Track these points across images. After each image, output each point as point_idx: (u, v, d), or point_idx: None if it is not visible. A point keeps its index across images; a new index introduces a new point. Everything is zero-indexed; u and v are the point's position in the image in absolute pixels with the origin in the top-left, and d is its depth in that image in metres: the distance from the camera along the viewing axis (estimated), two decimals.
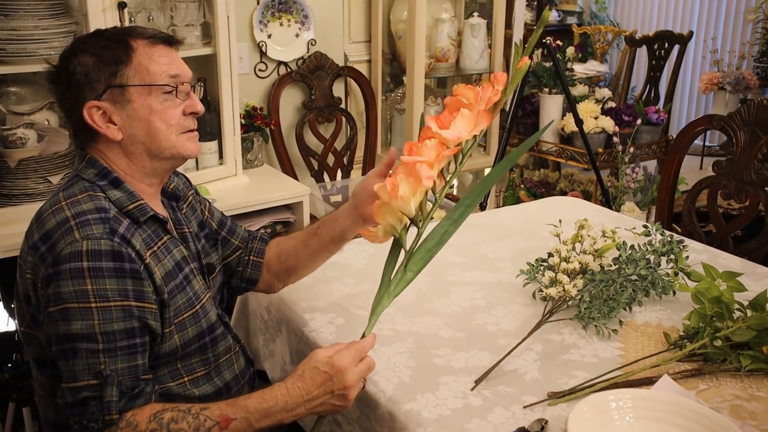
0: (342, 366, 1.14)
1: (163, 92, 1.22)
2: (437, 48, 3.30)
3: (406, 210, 1.11)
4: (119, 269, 1.12)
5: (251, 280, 1.51)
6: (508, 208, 2.31)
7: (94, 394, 1.10)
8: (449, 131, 1.09)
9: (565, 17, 6.20)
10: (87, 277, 1.10)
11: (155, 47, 1.23)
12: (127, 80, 1.20)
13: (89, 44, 1.22)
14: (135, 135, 1.22)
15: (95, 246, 1.11)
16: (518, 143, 3.61)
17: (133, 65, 1.20)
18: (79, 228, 1.13)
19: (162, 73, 1.22)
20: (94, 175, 1.22)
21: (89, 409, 1.10)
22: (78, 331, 1.10)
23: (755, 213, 2.07)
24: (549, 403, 1.20)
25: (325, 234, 1.44)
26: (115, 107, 1.20)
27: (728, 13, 5.59)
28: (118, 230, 1.15)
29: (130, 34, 1.23)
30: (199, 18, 2.48)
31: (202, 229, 1.43)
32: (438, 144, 1.09)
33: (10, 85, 2.24)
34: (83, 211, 1.16)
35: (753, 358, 1.27)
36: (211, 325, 1.30)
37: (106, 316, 1.11)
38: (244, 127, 2.80)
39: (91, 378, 1.10)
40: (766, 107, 2.03)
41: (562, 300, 1.44)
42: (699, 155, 5.03)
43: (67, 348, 1.11)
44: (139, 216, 1.21)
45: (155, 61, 1.22)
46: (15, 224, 2.16)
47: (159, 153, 1.24)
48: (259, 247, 1.52)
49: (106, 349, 1.11)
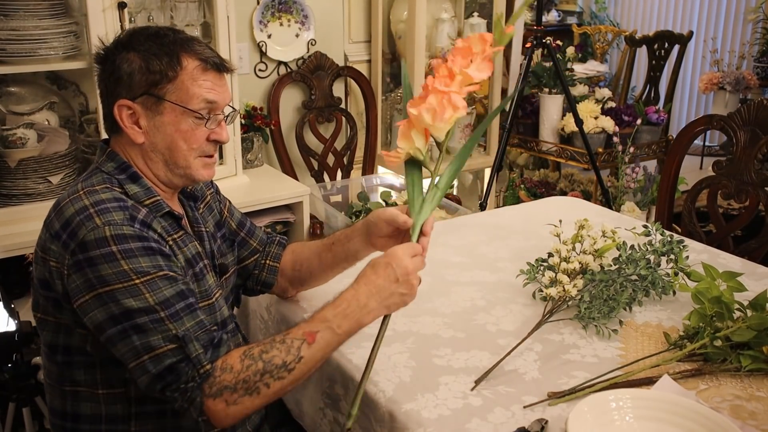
0: (397, 253, 1.21)
1: (195, 117, 1.23)
2: (437, 48, 3.30)
3: (441, 133, 1.23)
4: (147, 248, 1.15)
5: (267, 284, 1.52)
6: (508, 208, 2.31)
7: (179, 357, 1.12)
8: (472, 69, 1.19)
9: (565, 17, 6.21)
10: (121, 259, 1.12)
11: (207, 72, 1.23)
12: (165, 94, 1.21)
13: (144, 45, 1.21)
14: (156, 144, 1.24)
15: (118, 231, 1.13)
16: (518, 143, 3.62)
17: (176, 83, 1.21)
18: (99, 215, 1.15)
19: (200, 98, 1.22)
20: (114, 168, 1.24)
21: (180, 371, 1.12)
22: (135, 306, 1.12)
23: (755, 213, 2.07)
24: (549, 403, 1.20)
25: (339, 251, 1.46)
26: (146, 113, 1.22)
27: (728, 13, 5.59)
28: (138, 217, 1.17)
29: (186, 49, 1.22)
30: (199, 18, 2.48)
31: (219, 229, 1.44)
32: (461, 80, 1.20)
33: (10, 85, 2.24)
34: (102, 199, 1.17)
35: (753, 358, 1.27)
36: (224, 320, 1.32)
37: (154, 287, 1.13)
38: (244, 127, 2.80)
39: (169, 343, 1.12)
40: (766, 107, 2.03)
41: (562, 300, 1.44)
42: (699, 155, 5.03)
43: (127, 326, 1.12)
44: (155, 211, 1.23)
45: (198, 84, 1.22)
46: (15, 224, 2.16)
47: (174, 168, 1.26)
48: (276, 251, 1.53)
49: (169, 316, 1.13)
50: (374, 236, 1.38)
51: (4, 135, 2.15)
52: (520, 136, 3.59)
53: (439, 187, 1.27)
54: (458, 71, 1.20)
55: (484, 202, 3.08)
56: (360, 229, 1.42)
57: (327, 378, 1.38)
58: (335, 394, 1.35)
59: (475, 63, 1.20)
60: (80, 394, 1.23)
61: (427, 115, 1.21)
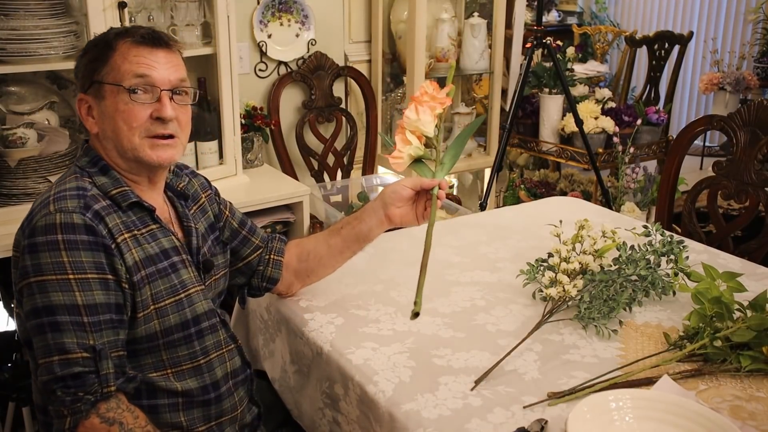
0: None
1: (129, 93, 1.23)
2: (437, 48, 3.30)
3: (428, 127, 1.39)
4: (93, 242, 1.16)
5: (272, 279, 1.52)
6: (508, 208, 2.31)
7: (90, 368, 1.12)
8: None
9: (566, 17, 6.20)
10: (62, 249, 1.13)
11: (137, 48, 1.25)
12: (103, 77, 1.24)
13: (92, 42, 1.29)
14: (105, 130, 1.27)
15: (68, 219, 1.15)
16: (518, 143, 3.62)
17: (110, 63, 1.24)
18: (54, 202, 1.18)
19: (130, 73, 1.23)
20: (87, 162, 1.28)
21: (86, 380, 1.12)
22: (59, 302, 1.12)
23: (755, 213, 2.07)
24: (549, 403, 1.20)
25: (349, 234, 1.49)
26: (94, 102, 1.26)
27: (728, 14, 5.59)
28: (92, 206, 1.19)
29: (123, 35, 1.26)
30: (199, 18, 2.48)
31: (212, 232, 1.44)
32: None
33: (10, 85, 2.24)
34: (64, 189, 1.20)
35: (753, 358, 1.27)
36: (197, 316, 1.30)
37: (86, 288, 1.14)
38: (244, 127, 2.80)
39: (83, 351, 1.12)
40: (766, 107, 2.03)
41: (562, 300, 1.44)
42: (699, 155, 5.02)
43: (45, 321, 1.12)
44: (120, 201, 1.24)
45: (129, 60, 1.24)
46: (15, 224, 2.13)
47: (123, 153, 1.27)
48: (279, 246, 1.54)
49: (90, 323, 1.13)
50: (392, 207, 1.44)
51: (4, 135, 2.15)
52: (520, 136, 3.59)
53: (444, 162, 1.43)
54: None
55: (484, 202, 3.08)
56: (373, 206, 1.47)
57: (326, 378, 1.38)
58: (335, 394, 1.35)
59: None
60: None
61: (411, 113, 1.38)
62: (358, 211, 1.50)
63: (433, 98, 1.38)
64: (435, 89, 1.40)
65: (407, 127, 1.40)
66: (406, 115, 1.39)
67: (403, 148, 1.40)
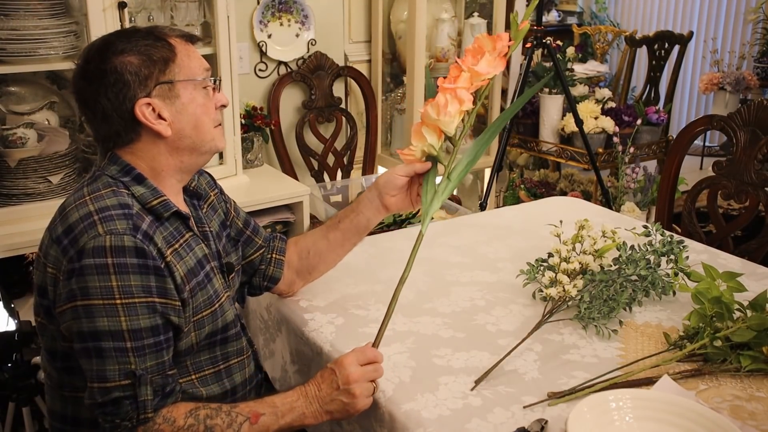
0: (343, 361, 1.22)
1: (203, 87, 1.26)
2: (437, 48, 3.30)
3: (449, 128, 1.29)
4: (143, 266, 1.13)
5: (274, 278, 1.52)
6: (508, 208, 2.31)
7: (127, 393, 1.12)
8: (480, 65, 1.26)
9: (565, 17, 6.20)
10: (112, 273, 1.11)
11: (186, 44, 1.27)
12: (174, 76, 1.23)
13: (130, 44, 1.20)
14: (183, 129, 1.24)
15: (118, 242, 1.12)
16: (518, 143, 3.62)
17: (177, 62, 1.23)
18: (102, 223, 1.13)
19: (200, 68, 1.26)
20: (117, 171, 1.23)
21: (123, 408, 1.12)
22: (104, 328, 1.11)
23: (755, 213, 2.07)
24: (549, 403, 1.20)
25: (348, 227, 1.49)
26: (165, 103, 1.22)
27: (728, 13, 5.59)
28: (141, 227, 1.16)
29: (163, 32, 1.25)
30: (199, 18, 2.48)
31: (223, 229, 1.43)
32: (469, 77, 1.27)
33: (10, 85, 2.24)
34: (107, 206, 1.16)
35: (753, 358, 1.27)
36: (226, 324, 1.31)
37: (132, 313, 1.12)
38: (244, 127, 2.80)
39: (123, 378, 1.12)
40: (766, 107, 2.03)
41: (562, 300, 1.44)
42: (699, 155, 5.03)
43: (91, 347, 1.12)
44: (162, 212, 1.22)
45: (190, 56, 1.25)
46: (15, 224, 2.16)
47: (202, 146, 1.26)
48: (280, 245, 1.54)
49: (134, 348, 1.12)
50: (387, 196, 1.43)
51: (4, 135, 2.15)
52: (520, 136, 3.59)
53: (450, 179, 1.33)
54: (466, 68, 1.26)
55: (484, 202, 3.08)
56: (368, 196, 1.46)
57: None
58: None
59: (485, 60, 1.26)
60: (80, 399, 1.23)
61: (432, 110, 1.28)
62: (353, 203, 1.49)
63: (495, 48, 1.24)
64: (494, 39, 1.26)
65: (425, 120, 1.31)
66: (426, 108, 1.29)
67: (417, 143, 1.33)
